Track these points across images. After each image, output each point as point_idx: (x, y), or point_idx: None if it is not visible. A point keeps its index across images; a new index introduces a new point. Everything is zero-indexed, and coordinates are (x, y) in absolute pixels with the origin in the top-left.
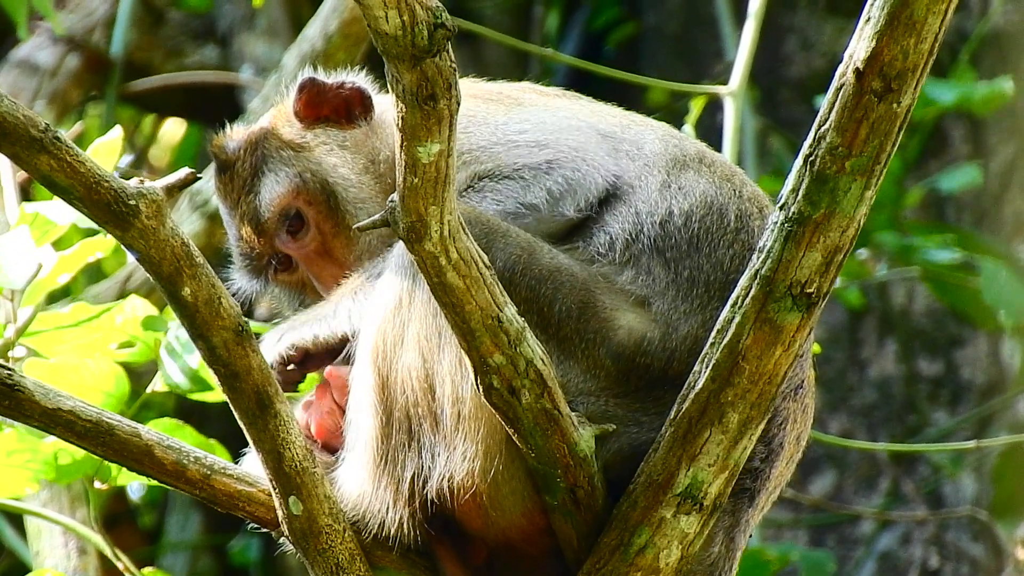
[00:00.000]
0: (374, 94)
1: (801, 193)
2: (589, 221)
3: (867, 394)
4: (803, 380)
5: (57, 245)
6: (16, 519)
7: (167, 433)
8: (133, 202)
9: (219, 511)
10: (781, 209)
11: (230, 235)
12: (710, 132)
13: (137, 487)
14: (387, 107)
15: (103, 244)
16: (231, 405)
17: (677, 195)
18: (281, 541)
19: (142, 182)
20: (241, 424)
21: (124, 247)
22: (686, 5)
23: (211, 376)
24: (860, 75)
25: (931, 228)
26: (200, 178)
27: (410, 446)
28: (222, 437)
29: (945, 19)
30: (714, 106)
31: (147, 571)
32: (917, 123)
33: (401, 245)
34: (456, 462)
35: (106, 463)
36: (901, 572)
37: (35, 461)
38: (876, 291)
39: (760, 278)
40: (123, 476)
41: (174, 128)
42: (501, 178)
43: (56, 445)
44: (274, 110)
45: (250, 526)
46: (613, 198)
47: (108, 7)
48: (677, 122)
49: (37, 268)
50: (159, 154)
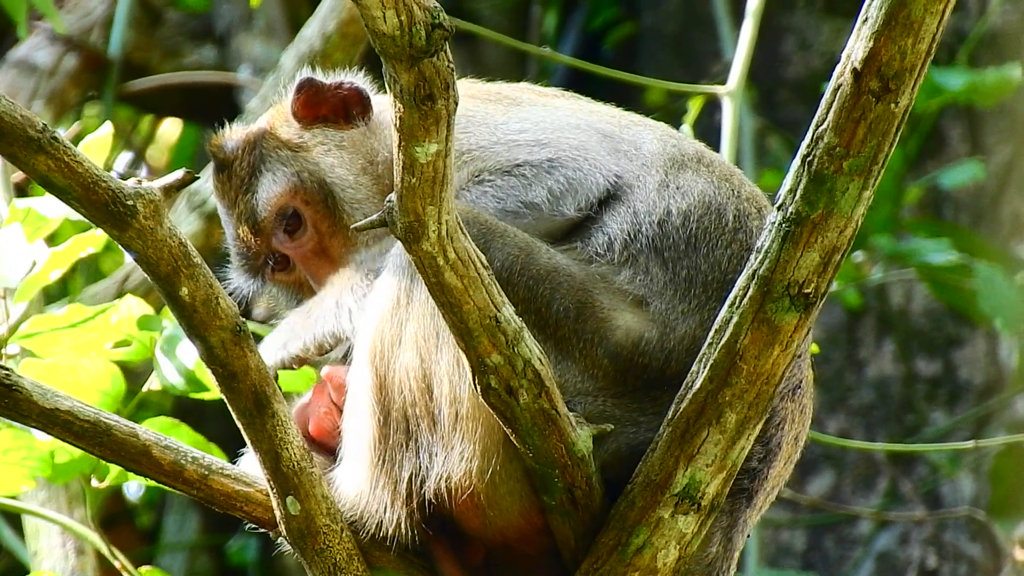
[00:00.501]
0: (372, 94)
1: (799, 193)
2: (587, 221)
3: (865, 394)
4: (801, 380)
5: (50, 241)
6: (14, 519)
7: (163, 432)
8: (131, 202)
9: (217, 511)
10: (779, 209)
11: (227, 234)
12: (708, 132)
13: (135, 487)
14: (385, 107)
15: (95, 239)
16: (229, 405)
17: (675, 195)
18: (279, 541)
19: (140, 182)
20: (239, 424)
21: (122, 247)
22: (684, 5)
23: (208, 376)
24: (858, 75)
25: (928, 226)
26: (198, 178)
27: (408, 446)
28: (220, 437)
29: (943, 19)
30: (712, 106)
31: (145, 571)
32: (919, 116)
33: (399, 245)
34: (454, 462)
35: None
36: (899, 572)
37: (31, 459)
38: (874, 291)
39: (758, 278)
40: (120, 475)
41: (172, 128)
42: (503, 174)
43: (53, 444)
44: (272, 110)
45: (248, 526)
46: (612, 198)
47: (106, 7)
48: (675, 122)
49: (31, 265)
50: (157, 154)
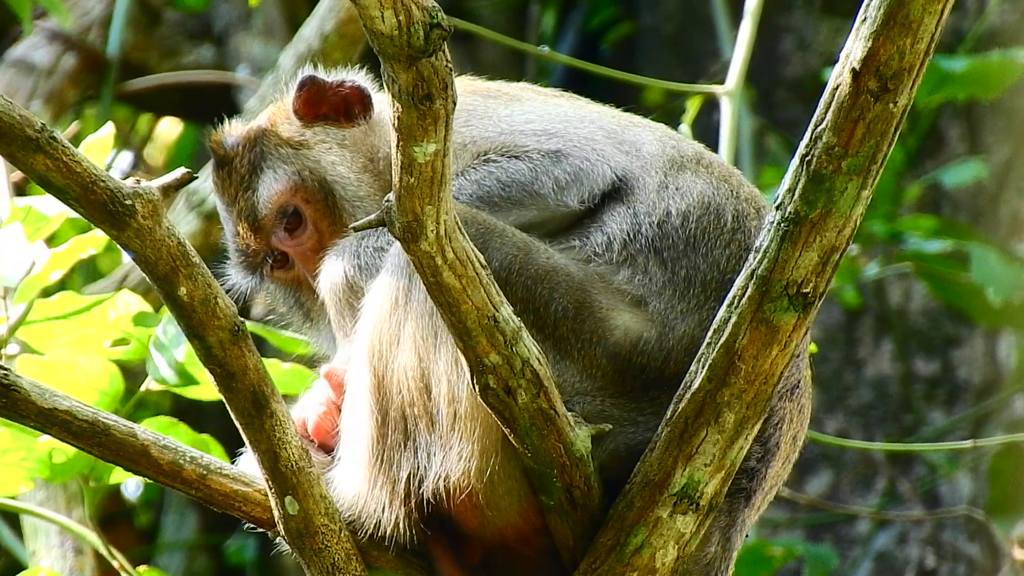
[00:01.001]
0: (373, 93)
1: (797, 193)
2: (587, 220)
3: (863, 394)
4: (799, 380)
5: (50, 242)
6: (12, 518)
7: (161, 431)
8: (129, 202)
9: (215, 511)
10: (777, 209)
11: (226, 231)
12: (706, 132)
13: (133, 486)
14: (386, 106)
15: (96, 240)
16: (227, 405)
17: (675, 195)
18: (277, 541)
19: (138, 182)
20: (237, 424)
21: (120, 247)
22: (682, 5)
23: (207, 375)
24: (856, 75)
25: (927, 223)
26: (197, 178)
27: (406, 446)
28: (218, 437)
29: (941, 19)
30: (710, 106)
31: (143, 570)
32: (920, 111)
33: (397, 245)
34: (452, 462)
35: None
36: (897, 572)
37: (29, 459)
38: (872, 291)
39: (756, 278)
40: (117, 474)
41: (170, 128)
42: (509, 157)
43: (51, 444)
44: (273, 107)
45: (246, 526)
46: (614, 195)
47: (104, 7)
48: (673, 122)
49: (31, 265)
50: (155, 154)
